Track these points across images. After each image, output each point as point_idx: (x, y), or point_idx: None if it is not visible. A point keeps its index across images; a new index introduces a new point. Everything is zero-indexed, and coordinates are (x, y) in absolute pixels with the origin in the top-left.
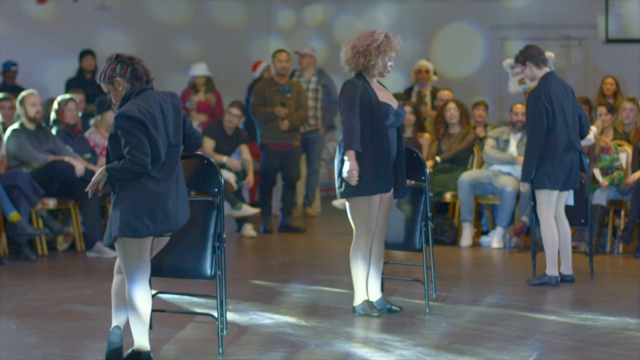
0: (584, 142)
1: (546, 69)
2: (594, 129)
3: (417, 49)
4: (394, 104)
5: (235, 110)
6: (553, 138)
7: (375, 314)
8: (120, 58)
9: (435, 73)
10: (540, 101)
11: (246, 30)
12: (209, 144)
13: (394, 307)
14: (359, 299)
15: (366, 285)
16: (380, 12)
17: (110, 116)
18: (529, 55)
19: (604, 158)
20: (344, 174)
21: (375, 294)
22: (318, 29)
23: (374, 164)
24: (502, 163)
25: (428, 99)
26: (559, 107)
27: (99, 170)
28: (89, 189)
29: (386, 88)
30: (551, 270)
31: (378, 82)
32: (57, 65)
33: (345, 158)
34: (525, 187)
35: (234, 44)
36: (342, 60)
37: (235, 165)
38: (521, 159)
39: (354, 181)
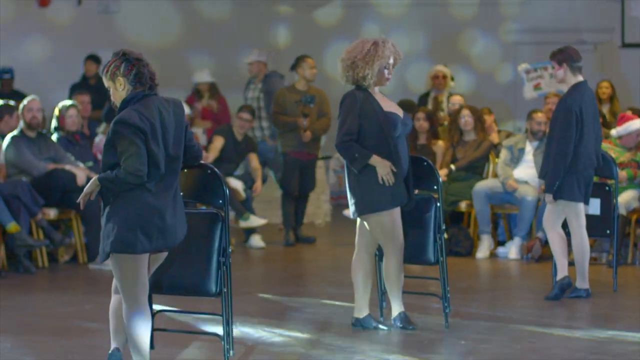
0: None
1: (580, 77)
2: None
3: (431, 54)
4: (400, 113)
5: (246, 115)
6: (580, 150)
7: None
8: (127, 57)
9: (452, 79)
10: (573, 110)
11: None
12: (219, 141)
13: (380, 326)
14: (395, 311)
15: (361, 301)
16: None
17: None
18: (569, 57)
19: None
20: (380, 181)
21: (364, 311)
22: None
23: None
24: (502, 182)
25: (445, 105)
26: (588, 120)
27: (91, 181)
28: (80, 200)
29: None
30: (581, 283)
31: (380, 92)
32: (61, 70)
33: (373, 163)
34: (549, 199)
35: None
36: (339, 74)
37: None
38: (511, 183)
39: (391, 177)
